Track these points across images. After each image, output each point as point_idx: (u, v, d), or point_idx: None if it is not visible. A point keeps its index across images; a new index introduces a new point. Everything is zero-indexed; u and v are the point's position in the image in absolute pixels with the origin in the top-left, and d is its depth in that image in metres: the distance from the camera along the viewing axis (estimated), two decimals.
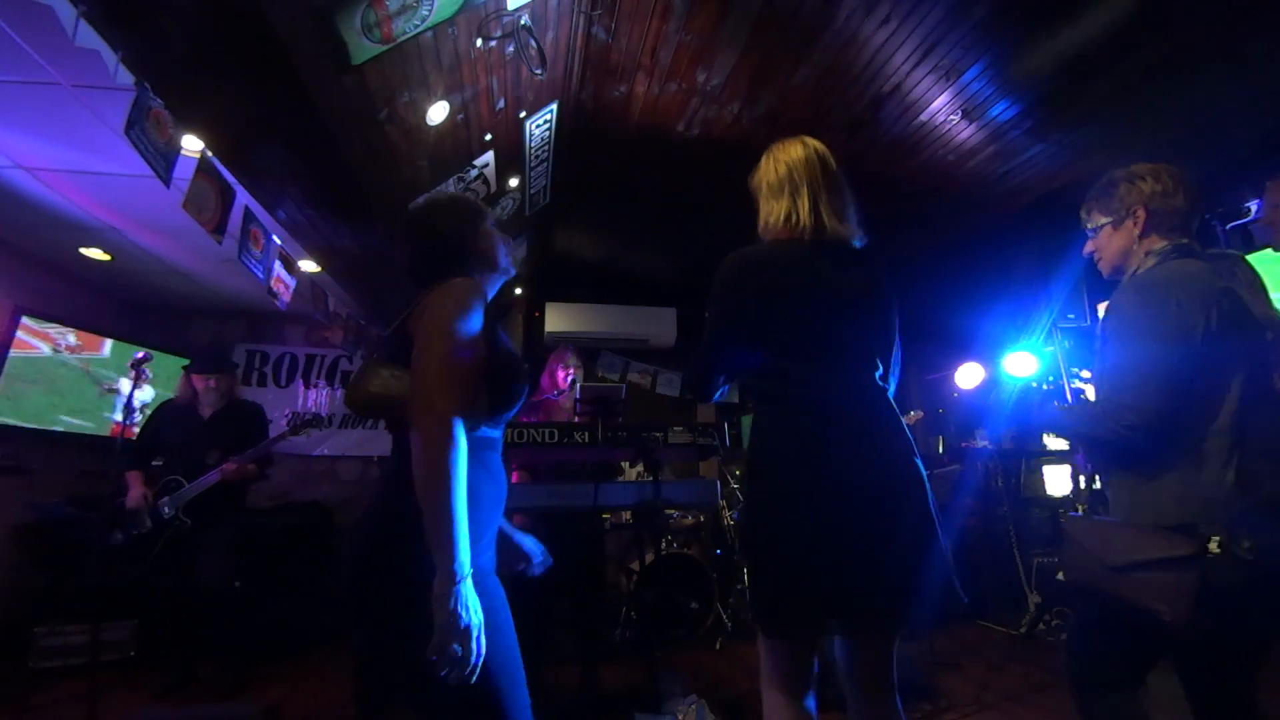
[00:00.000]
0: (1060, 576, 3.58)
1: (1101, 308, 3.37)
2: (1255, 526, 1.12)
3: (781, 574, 1.15)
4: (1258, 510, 1.14)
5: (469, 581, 0.91)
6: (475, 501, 1.02)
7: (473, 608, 0.90)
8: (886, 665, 1.22)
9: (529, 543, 1.39)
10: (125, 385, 4.06)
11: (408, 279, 1.25)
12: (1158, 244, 1.35)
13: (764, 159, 1.41)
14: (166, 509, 2.87)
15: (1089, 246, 1.49)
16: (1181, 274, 1.26)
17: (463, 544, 0.91)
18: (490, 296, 1.29)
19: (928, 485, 1.22)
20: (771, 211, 1.34)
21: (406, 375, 1.04)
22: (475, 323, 1.07)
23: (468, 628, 0.88)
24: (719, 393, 1.36)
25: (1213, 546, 1.12)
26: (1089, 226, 1.47)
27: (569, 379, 3.08)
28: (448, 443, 0.94)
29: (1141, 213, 1.36)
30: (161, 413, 3.19)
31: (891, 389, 1.32)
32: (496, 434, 1.16)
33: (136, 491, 2.91)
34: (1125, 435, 1.20)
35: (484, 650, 0.90)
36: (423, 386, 0.98)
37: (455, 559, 0.89)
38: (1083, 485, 3.53)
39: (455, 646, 0.87)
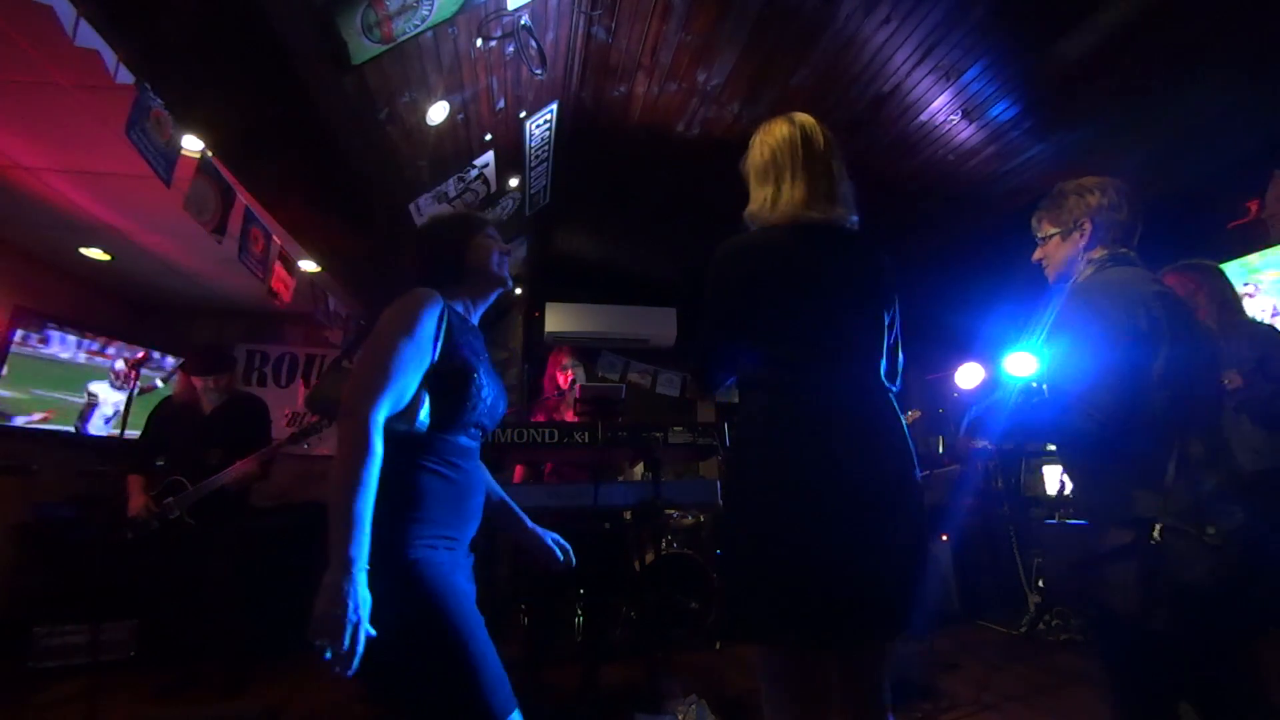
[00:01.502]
0: (1039, 584, 3.66)
1: None
2: (1218, 513, 1.16)
3: (769, 572, 1.08)
4: (1219, 497, 1.18)
5: (359, 576, 0.93)
6: (418, 499, 1.09)
7: (357, 603, 0.91)
8: (879, 680, 1.15)
9: (550, 539, 1.48)
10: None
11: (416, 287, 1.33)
12: (1099, 254, 1.42)
13: (752, 141, 1.37)
14: (173, 511, 2.85)
15: (1037, 254, 1.55)
16: (1117, 279, 1.35)
17: (355, 538, 0.94)
18: (486, 304, 1.39)
19: (918, 488, 1.18)
20: (756, 197, 1.31)
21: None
22: (420, 331, 1.12)
23: (348, 619, 0.90)
24: (725, 384, 1.33)
25: (1155, 534, 1.15)
26: (1039, 235, 1.54)
27: (571, 380, 3.08)
28: (356, 442, 1.00)
29: (1088, 225, 1.43)
30: (161, 411, 3.17)
31: (896, 385, 1.27)
32: (460, 439, 1.20)
33: (137, 500, 2.85)
34: (1096, 428, 1.24)
35: (360, 645, 0.91)
36: (349, 389, 1.06)
37: (346, 551, 0.93)
38: None
39: (335, 634, 0.89)
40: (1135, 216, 1.43)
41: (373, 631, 0.93)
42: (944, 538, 4.01)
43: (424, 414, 1.12)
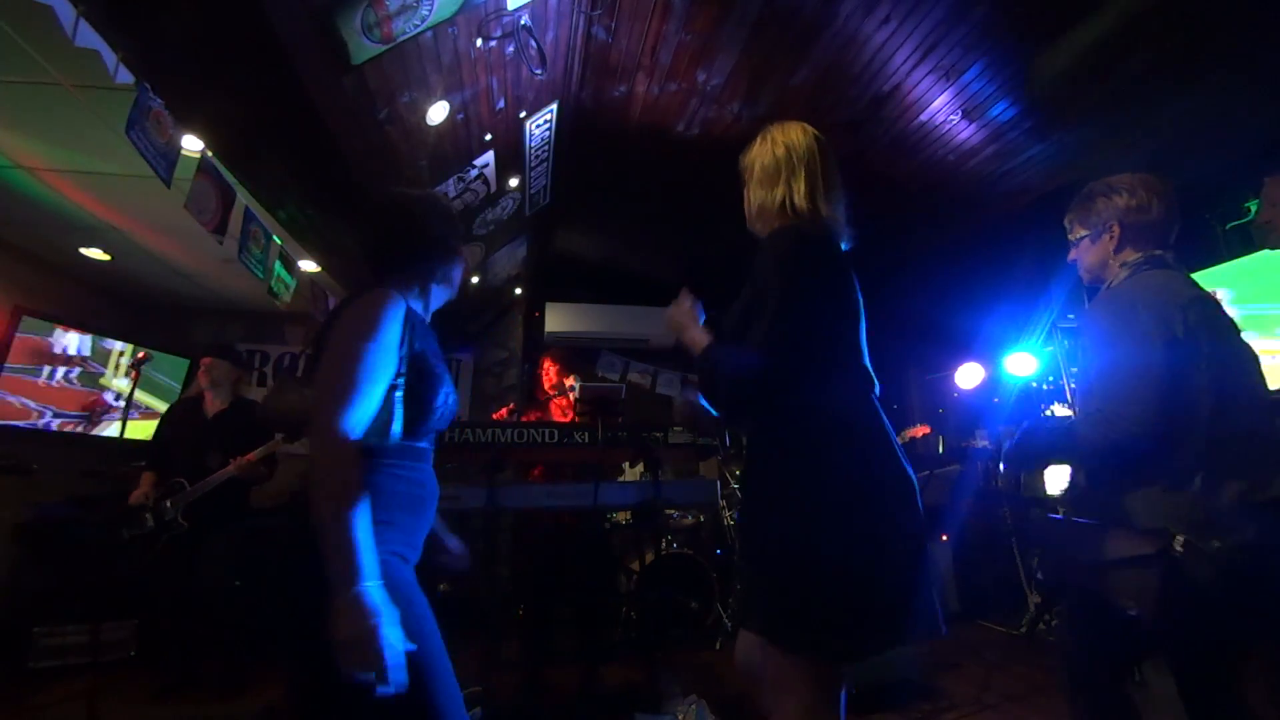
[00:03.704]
0: (1039, 575, 3.64)
1: None
2: (1228, 528, 1.14)
3: (870, 588, 1.06)
4: (1234, 511, 1.16)
5: (372, 584, 0.89)
6: (384, 506, 1.03)
7: (376, 609, 0.87)
8: None
9: (452, 542, 1.39)
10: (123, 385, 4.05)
11: (366, 257, 1.24)
12: (1131, 256, 1.38)
13: (759, 139, 1.34)
14: (169, 512, 2.87)
15: (1071, 255, 1.53)
16: (1150, 284, 1.30)
17: (359, 553, 0.90)
18: (432, 310, 1.29)
19: None
20: (766, 197, 1.28)
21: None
22: (385, 336, 1.06)
23: (369, 638, 0.85)
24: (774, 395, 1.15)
25: (1176, 545, 1.15)
26: (1071, 237, 1.52)
27: (559, 384, 3.10)
28: (334, 457, 0.96)
29: (1116, 228, 1.39)
30: (170, 412, 3.23)
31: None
32: (421, 443, 1.15)
33: (140, 490, 2.93)
34: (1127, 441, 1.20)
35: (399, 651, 0.88)
36: (316, 404, 1.00)
37: (351, 568, 0.88)
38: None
39: (367, 653, 0.85)
40: (1169, 214, 1.38)
41: (411, 644, 0.89)
42: (944, 538, 4.01)
43: (397, 425, 1.07)
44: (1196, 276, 1.38)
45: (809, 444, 1.12)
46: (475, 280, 4.18)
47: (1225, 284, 3.27)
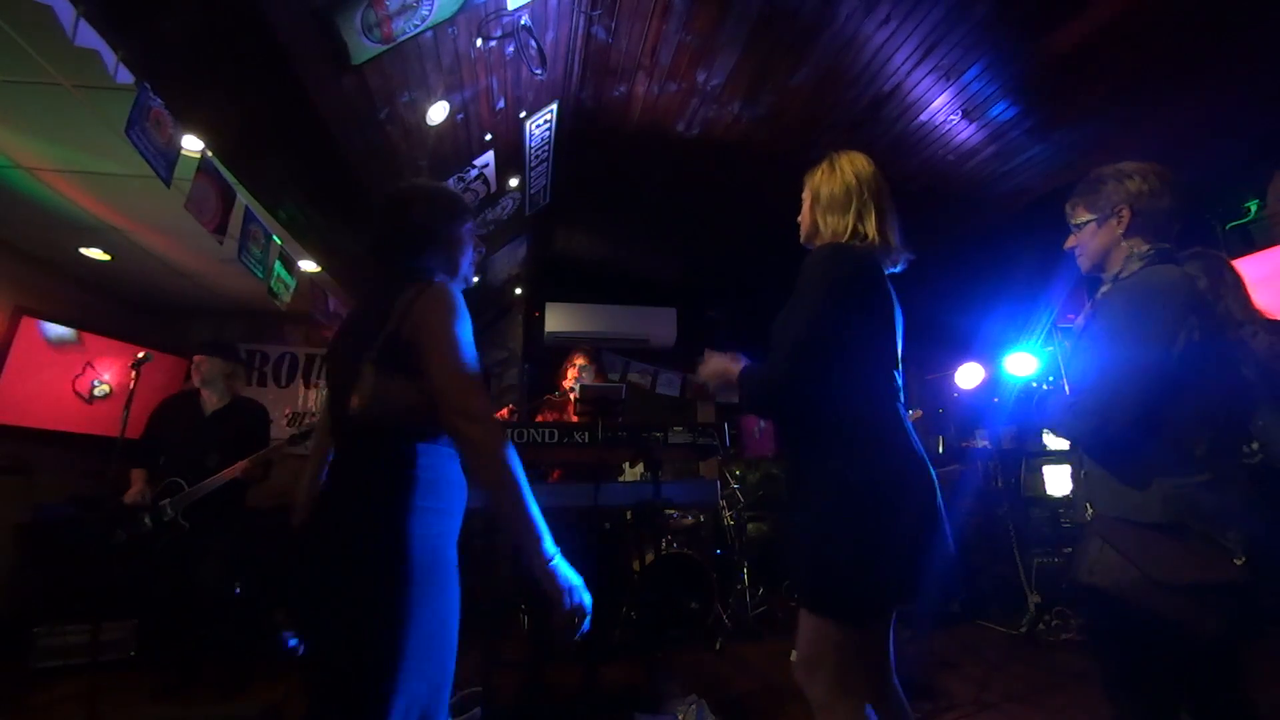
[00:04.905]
0: (1083, 579, 3.60)
1: None
2: (1239, 519, 1.14)
3: (911, 554, 1.22)
4: (1240, 505, 1.16)
5: (560, 558, 1.04)
6: (443, 495, 1.11)
7: (569, 574, 1.04)
8: None
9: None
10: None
11: (372, 257, 1.27)
12: (1141, 246, 1.35)
13: (825, 165, 1.43)
14: (168, 511, 2.86)
15: (1071, 241, 1.49)
16: (1167, 279, 1.28)
17: (544, 529, 1.04)
18: None
19: None
20: (838, 224, 1.37)
21: (412, 384, 1.09)
22: (470, 331, 1.14)
23: (573, 589, 1.04)
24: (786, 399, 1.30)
25: (1238, 563, 1.14)
26: (1073, 222, 1.48)
27: (577, 381, 3.09)
28: (505, 445, 1.05)
29: (1126, 213, 1.36)
30: (164, 408, 3.18)
31: None
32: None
33: (134, 489, 2.90)
34: (1114, 431, 1.21)
35: (588, 603, 1.05)
36: (458, 396, 1.06)
37: (543, 543, 1.03)
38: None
39: (568, 607, 1.03)
40: (1177, 205, 1.36)
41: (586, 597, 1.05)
42: None
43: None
44: None
45: (838, 442, 1.25)
46: (475, 280, 4.18)
47: None
